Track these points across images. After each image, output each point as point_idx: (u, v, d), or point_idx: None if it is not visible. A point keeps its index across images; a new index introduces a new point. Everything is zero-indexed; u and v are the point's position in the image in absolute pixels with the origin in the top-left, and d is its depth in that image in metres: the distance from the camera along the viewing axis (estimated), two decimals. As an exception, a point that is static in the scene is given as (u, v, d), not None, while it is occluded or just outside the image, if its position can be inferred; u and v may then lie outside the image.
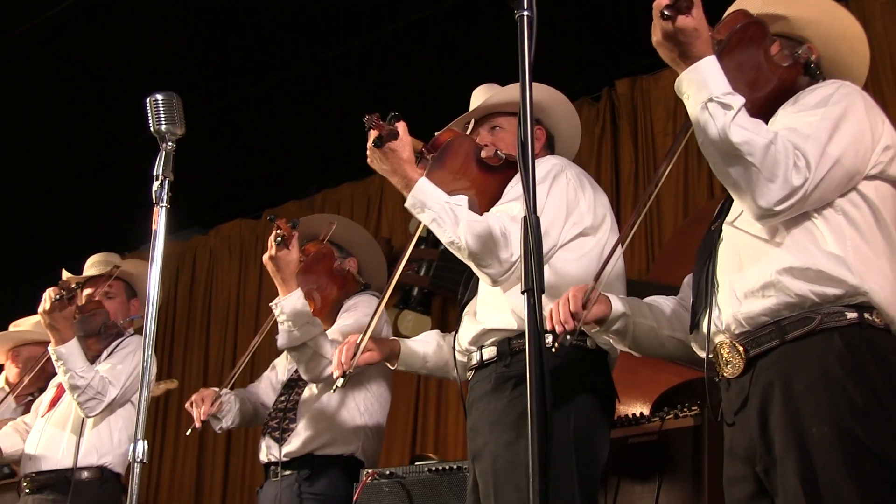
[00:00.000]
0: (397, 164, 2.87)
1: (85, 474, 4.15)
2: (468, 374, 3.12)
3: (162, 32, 5.49)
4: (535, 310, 1.73)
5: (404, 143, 2.89)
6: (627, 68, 5.59)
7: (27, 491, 4.23)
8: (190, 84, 5.85)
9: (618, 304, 2.68)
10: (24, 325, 5.14)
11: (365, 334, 3.23)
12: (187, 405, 3.92)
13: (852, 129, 2.30)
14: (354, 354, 3.20)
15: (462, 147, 3.07)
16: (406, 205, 2.89)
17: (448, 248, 2.86)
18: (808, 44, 2.58)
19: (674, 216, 5.29)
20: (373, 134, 2.87)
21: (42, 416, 4.41)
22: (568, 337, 2.51)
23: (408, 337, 3.62)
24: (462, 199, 2.89)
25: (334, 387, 3.25)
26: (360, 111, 2.93)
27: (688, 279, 2.81)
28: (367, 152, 2.90)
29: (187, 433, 3.90)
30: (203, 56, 5.72)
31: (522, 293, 1.76)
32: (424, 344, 3.47)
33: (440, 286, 5.65)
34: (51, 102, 6.12)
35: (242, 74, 5.90)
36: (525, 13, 1.99)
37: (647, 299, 2.80)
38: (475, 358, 3.03)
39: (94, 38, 5.54)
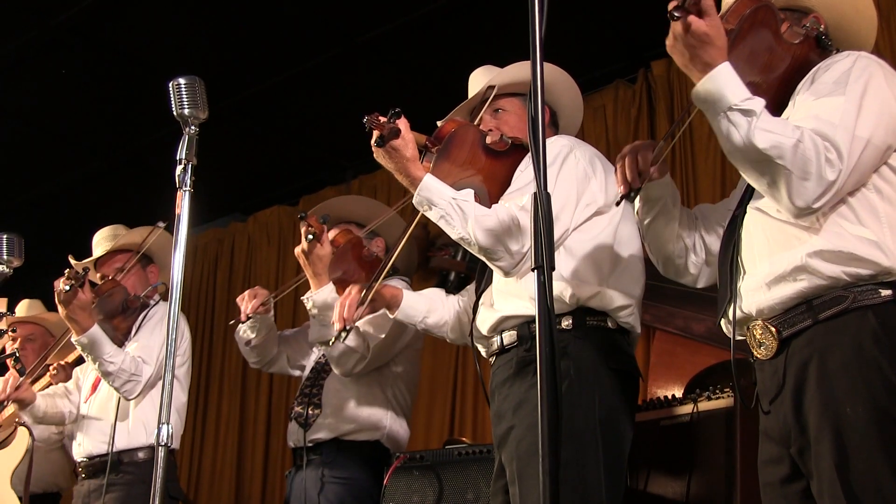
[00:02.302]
0: (400, 162, 2.87)
1: (140, 455, 4.11)
2: (490, 359, 3.12)
3: (199, 18, 5.52)
4: (545, 287, 1.70)
5: (406, 140, 2.87)
6: (663, 49, 5.50)
7: (83, 476, 4.24)
8: (226, 70, 5.90)
9: (668, 176, 2.68)
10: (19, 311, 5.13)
11: (370, 291, 3.31)
12: (239, 299, 4.00)
13: (877, 105, 2.24)
14: (356, 308, 3.29)
15: (466, 136, 3.04)
16: (413, 203, 2.90)
17: (458, 243, 2.86)
18: (814, 13, 2.52)
19: (711, 197, 5.23)
20: (375, 134, 2.86)
21: (85, 402, 4.40)
22: (632, 194, 2.53)
23: None
24: (468, 193, 2.87)
25: (332, 339, 3.35)
26: (396, 94, 2.93)
27: (701, 207, 2.81)
28: (373, 152, 2.91)
29: (231, 322, 3.97)
30: (240, 42, 5.74)
31: (532, 270, 1.74)
32: (428, 300, 3.52)
33: (476, 270, 5.63)
34: (89, 90, 6.19)
35: (277, 60, 5.91)
36: (537, -12, 1.95)
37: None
38: (495, 343, 3.03)
39: (133, 25, 5.58)
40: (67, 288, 3.95)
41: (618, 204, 2.58)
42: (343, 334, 3.33)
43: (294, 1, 5.38)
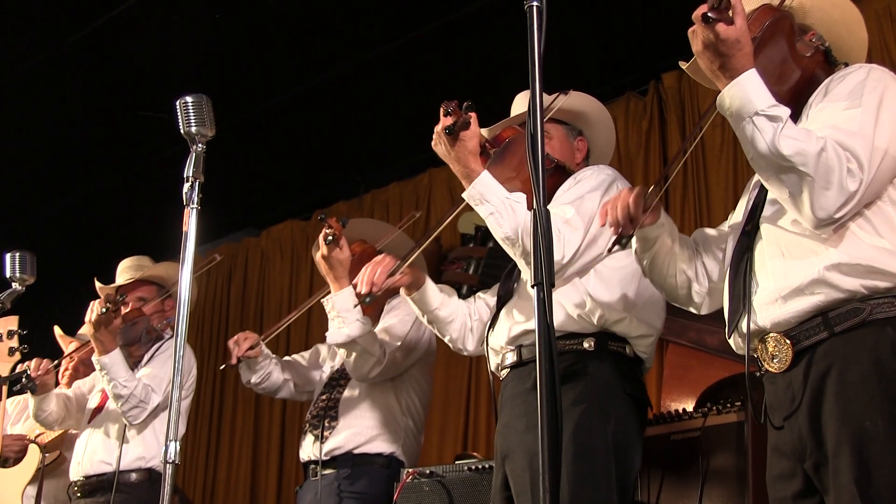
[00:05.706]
0: (463, 153, 2.89)
1: (133, 476, 4.22)
2: (502, 372, 3.12)
3: (210, 36, 5.54)
4: (545, 304, 1.70)
5: (474, 133, 2.91)
6: (674, 61, 5.51)
7: (78, 495, 4.30)
8: (239, 86, 5.92)
9: (663, 215, 2.67)
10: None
11: (403, 263, 3.31)
12: (231, 342, 4.04)
13: (892, 115, 2.24)
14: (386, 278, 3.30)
15: (521, 146, 3.07)
16: (464, 195, 2.91)
17: (501, 243, 2.87)
18: (811, 31, 2.54)
19: (724, 208, 5.22)
20: (447, 120, 2.89)
21: (88, 423, 4.46)
22: (624, 240, 2.52)
23: None
24: (521, 197, 2.89)
25: (355, 303, 3.48)
26: (407, 110, 2.94)
27: (699, 232, 2.79)
28: (434, 136, 2.93)
29: (220, 367, 4.03)
30: (252, 58, 5.76)
31: (532, 287, 1.75)
32: (444, 296, 3.46)
33: (489, 284, 5.61)
34: (103, 108, 6.23)
35: (290, 75, 5.93)
36: (535, 4, 1.96)
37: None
38: (511, 357, 3.04)
39: (145, 43, 5.61)
40: (104, 311, 4.11)
41: (609, 251, 2.57)
42: (368, 299, 3.33)
43: (305, 17, 5.40)
